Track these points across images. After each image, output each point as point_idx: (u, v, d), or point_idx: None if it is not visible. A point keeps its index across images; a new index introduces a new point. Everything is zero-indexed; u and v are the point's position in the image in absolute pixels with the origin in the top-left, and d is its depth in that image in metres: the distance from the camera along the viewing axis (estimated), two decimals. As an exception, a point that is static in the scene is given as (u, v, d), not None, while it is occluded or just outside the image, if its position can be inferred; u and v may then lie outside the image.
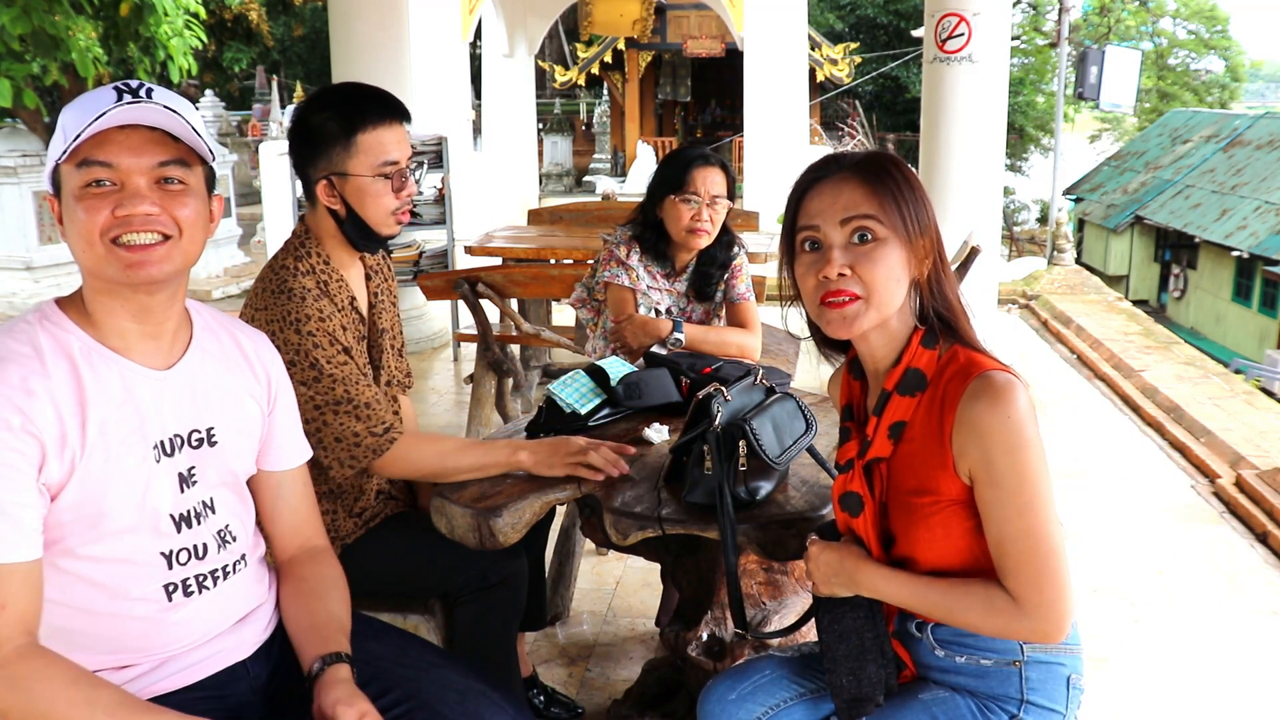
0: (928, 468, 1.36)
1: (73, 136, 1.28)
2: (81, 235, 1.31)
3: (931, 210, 1.40)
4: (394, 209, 1.95)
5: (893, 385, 1.39)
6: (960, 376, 1.35)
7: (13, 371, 1.27)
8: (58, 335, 1.34)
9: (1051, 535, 1.30)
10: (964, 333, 1.41)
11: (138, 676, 1.39)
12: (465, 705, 1.47)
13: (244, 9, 16.97)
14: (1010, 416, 1.29)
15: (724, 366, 2.30)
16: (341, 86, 2.01)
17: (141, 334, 1.39)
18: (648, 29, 16.09)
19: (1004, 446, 1.29)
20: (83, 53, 7.45)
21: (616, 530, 1.74)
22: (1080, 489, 4.11)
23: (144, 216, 1.31)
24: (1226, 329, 16.63)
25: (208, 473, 1.45)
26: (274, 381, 1.58)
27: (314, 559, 1.60)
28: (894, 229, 1.35)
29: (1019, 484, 1.29)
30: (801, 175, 1.43)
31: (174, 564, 1.41)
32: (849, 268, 1.35)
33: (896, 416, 1.39)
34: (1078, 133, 28.56)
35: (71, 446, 1.29)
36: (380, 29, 6.00)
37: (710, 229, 2.69)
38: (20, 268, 7.68)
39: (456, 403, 5.33)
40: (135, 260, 1.31)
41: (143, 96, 1.31)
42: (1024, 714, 1.41)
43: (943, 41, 5.65)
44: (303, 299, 1.88)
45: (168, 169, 1.34)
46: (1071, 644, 1.45)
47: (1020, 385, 1.32)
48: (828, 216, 1.36)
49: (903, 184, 1.37)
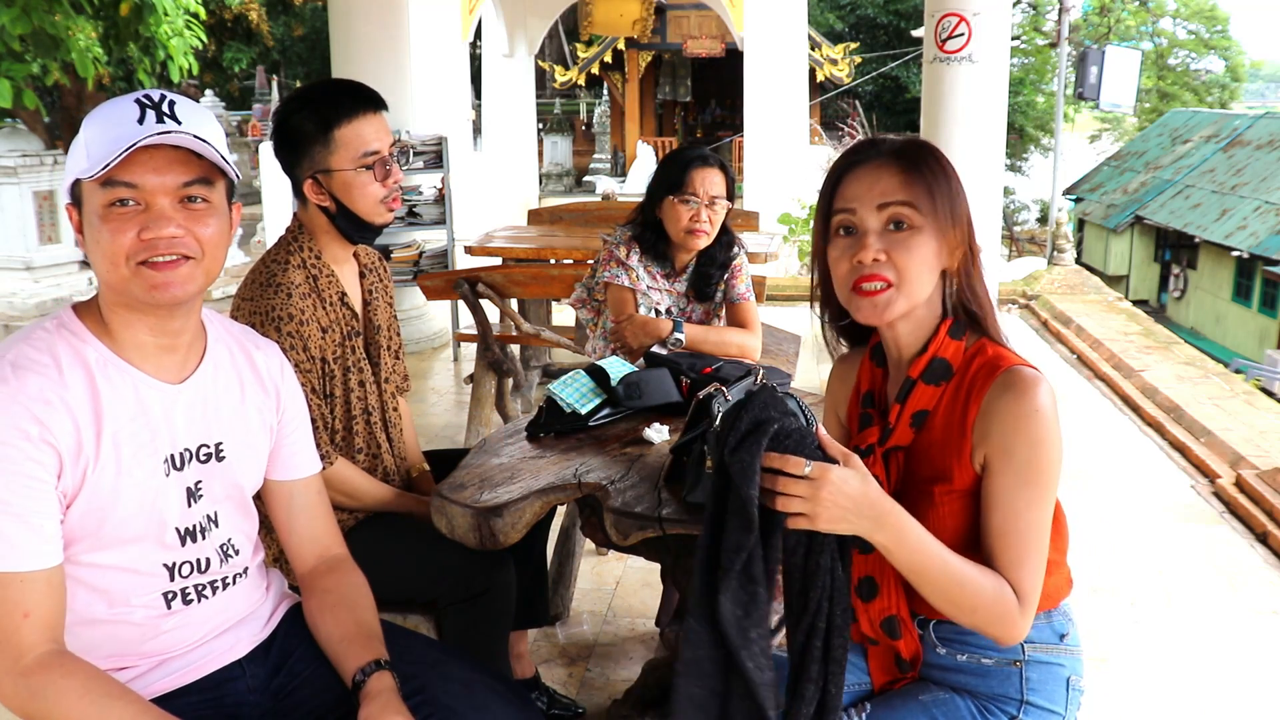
0: (945, 457, 1.36)
1: (97, 158, 1.27)
2: (106, 256, 1.31)
3: (966, 202, 1.40)
4: (382, 197, 1.97)
5: (918, 373, 1.39)
6: (988, 369, 1.35)
7: (32, 381, 1.27)
8: (75, 345, 1.34)
9: (1041, 539, 1.32)
10: (990, 327, 1.41)
11: (133, 680, 1.39)
12: (473, 698, 1.47)
13: (244, 9, 16.97)
14: (1038, 410, 1.29)
15: (724, 366, 2.30)
16: (314, 85, 2.03)
17: (158, 347, 1.39)
18: (648, 29, 16.10)
19: (1028, 439, 1.29)
20: (82, 53, 7.45)
21: (616, 530, 1.73)
22: (1080, 489, 4.12)
23: (169, 240, 1.31)
24: (1226, 329, 16.63)
25: (214, 487, 1.45)
26: (283, 394, 1.58)
27: (335, 569, 1.59)
28: (930, 217, 1.35)
29: (1034, 478, 1.30)
30: (838, 159, 1.43)
31: (176, 575, 1.41)
32: (884, 253, 1.34)
33: (920, 405, 1.39)
34: (1078, 133, 28.55)
35: (85, 456, 1.30)
36: (380, 29, 6.00)
37: (709, 230, 2.69)
38: (20, 268, 7.67)
39: (456, 403, 5.33)
40: (160, 281, 1.31)
41: (166, 113, 1.30)
42: (1023, 715, 1.41)
43: (943, 41, 5.65)
44: (289, 295, 1.89)
45: (192, 188, 1.33)
46: (1072, 645, 1.45)
47: (1047, 383, 1.32)
48: (865, 201, 1.36)
49: (940, 173, 1.37)
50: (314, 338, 1.93)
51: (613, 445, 2.06)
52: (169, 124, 1.29)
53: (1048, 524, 1.32)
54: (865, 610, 1.43)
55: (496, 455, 2.03)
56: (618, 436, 2.11)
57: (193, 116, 1.33)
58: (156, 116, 1.30)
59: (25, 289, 7.65)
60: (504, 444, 2.10)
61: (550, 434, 2.11)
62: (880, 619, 1.42)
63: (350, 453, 2.06)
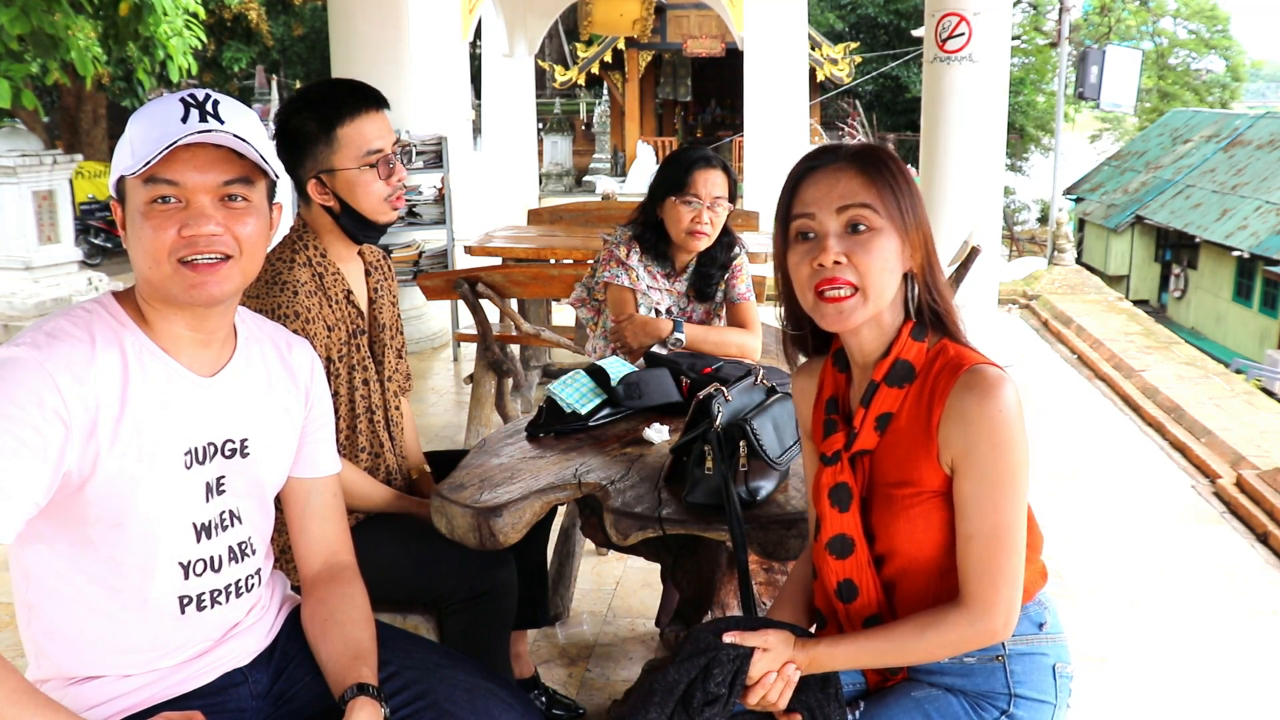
0: (911, 459, 1.37)
1: (141, 155, 1.29)
2: (148, 253, 1.32)
3: (923, 204, 1.41)
4: (386, 195, 1.98)
5: (881, 376, 1.39)
6: (950, 369, 1.35)
7: (62, 351, 1.28)
8: (114, 327, 1.35)
9: (1017, 536, 1.32)
10: (953, 327, 1.42)
11: (139, 688, 1.39)
12: (475, 703, 1.47)
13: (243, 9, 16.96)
14: (1000, 411, 1.29)
15: (724, 366, 2.30)
16: (315, 85, 2.03)
17: (193, 340, 1.40)
18: (648, 29, 16.12)
19: (990, 441, 1.30)
20: (82, 52, 7.45)
21: (616, 530, 1.73)
22: (1080, 489, 4.11)
23: (209, 237, 1.32)
24: (1227, 329, 16.63)
25: (236, 483, 1.45)
26: (312, 393, 1.59)
27: (336, 578, 1.58)
28: (890, 219, 1.36)
29: (997, 479, 1.30)
30: (796, 165, 1.43)
31: (190, 574, 1.41)
32: (844, 255, 1.34)
33: (884, 408, 1.39)
34: (1078, 133, 28.55)
35: (99, 438, 1.29)
36: (380, 29, 6.00)
37: (710, 231, 2.69)
38: (20, 268, 7.66)
39: (456, 403, 5.32)
40: (199, 280, 1.32)
41: (209, 112, 1.32)
42: (1014, 708, 1.41)
43: (943, 41, 5.65)
44: (294, 293, 1.90)
45: (232, 187, 1.34)
46: (1053, 633, 1.46)
47: (1011, 382, 1.32)
48: (823, 205, 1.36)
49: (898, 175, 1.38)
50: (319, 336, 1.93)
51: (613, 445, 2.06)
52: (211, 123, 1.31)
53: (1021, 524, 1.33)
54: (847, 612, 1.44)
55: (496, 455, 2.03)
56: (618, 436, 2.11)
57: (235, 116, 1.35)
58: (200, 115, 1.32)
59: (24, 289, 7.64)
60: (504, 444, 2.10)
61: (550, 434, 2.11)
62: (861, 620, 1.43)
63: (353, 451, 2.06)
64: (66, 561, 1.33)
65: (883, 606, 1.42)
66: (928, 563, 1.39)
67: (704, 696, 1.34)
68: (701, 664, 1.36)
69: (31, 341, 1.27)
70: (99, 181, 13.40)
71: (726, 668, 1.35)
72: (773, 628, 1.41)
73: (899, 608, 1.42)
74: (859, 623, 1.43)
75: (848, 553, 1.41)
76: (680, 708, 1.34)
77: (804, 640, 1.40)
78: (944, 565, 1.38)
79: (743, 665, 1.36)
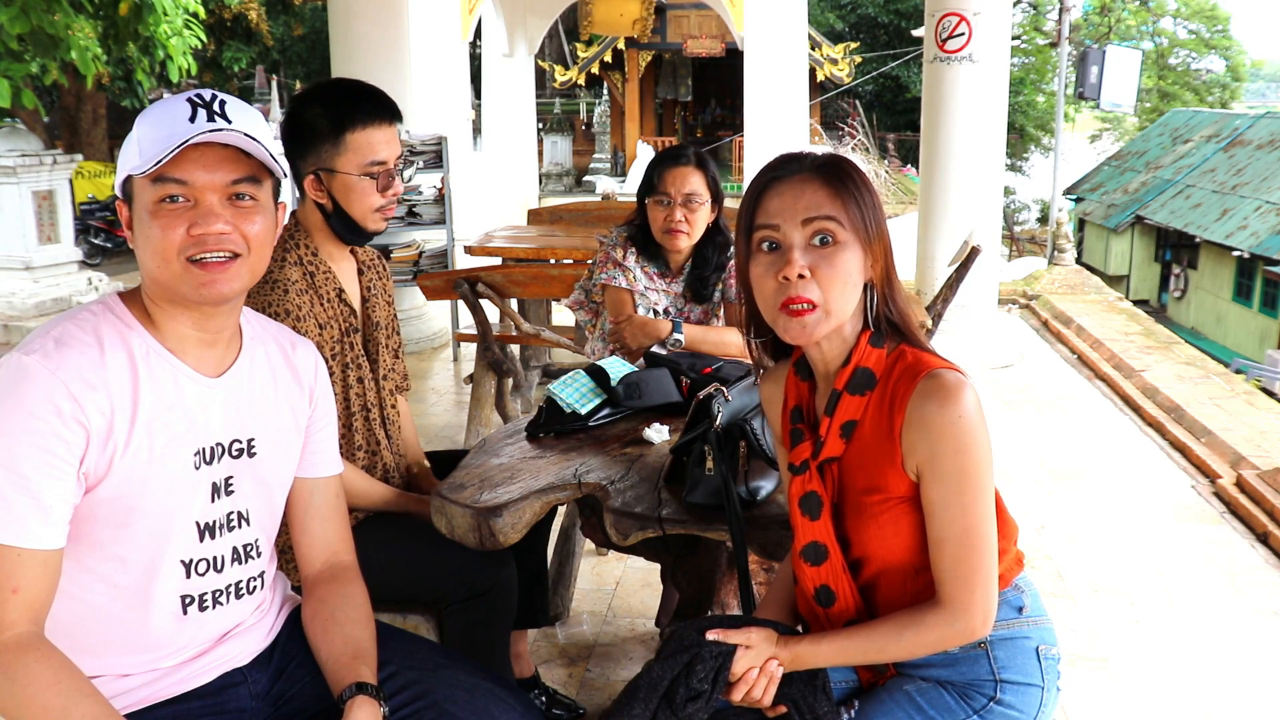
0: (878, 465, 1.38)
1: (149, 155, 1.29)
2: (157, 252, 1.32)
3: (884, 214, 1.42)
4: (378, 206, 1.99)
5: (843, 385, 1.40)
6: (909, 375, 1.36)
7: (72, 358, 1.28)
8: (120, 329, 1.35)
9: (987, 536, 1.34)
10: (911, 333, 1.43)
11: (138, 687, 1.39)
12: (475, 703, 1.47)
13: (243, 8, 16.95)
14: (961, 416, 1.31)
15: (724, 366, 2.30)
16: (337, 83, 2.02)
17: (199, 340, 1.40)
18: (648, 29, 16.10)
19: (954, 447, 1.31)
20: (82, 52, 7.44)
21: (616, 530, 1.73)
22: (1080, 489, 4.11)
23: (218, 236, 1.33)
24: (1227, 329, 16.63)
25: (244, 483, 1.46)
26: (316, 393, 1.59)
27: (336, 578, 1.58)
28: (854, 231, 1.36)
29: (963, 483, 1.32)
30: (758, 174, 1.43)
31: (192, 574, 1.41)
32: (809, 269, 1.35)
33: (847, 415, 1.40)
34: (1078, 133, 28.56)
35: (115, 442, 1.30)
36: (380, 29, 6.00)
37: (687, 229, 2.68)
38: (19, 268, 7.66)
39: (456, 403, 5.32)
40: (208, 279, 1.33)
41: (217, 111, 1.33)
42: (1001, 694, 1.42)
43: (943, 41, 5.65)
44: (285, 291, 1.91)
45: (240, 186, 1.35)
46: (1034, 615, 1.47)
47: (970, 385, 1.34)
48: (788, 216, 1.36)
49: (861, 187, 1.39)
50: (311, 334, 1.93)
51: (613, 445, 2.06)
52: (219, 122, 1.32)
53: (990, 521, 1.34)
54: (827, 616, 1.45)
55: (496, 455, 2.03)
56: (618, 436, 2.11)
57: (242, 115, 1.35)
58: (208, 115, 1.32)
59: (24, 289, 7.63)
60: (504, 444, 2.10)
61: (550, 434, 2.11)
62: (841, 625, 1.44)
63: (350, 450, 2.06)
64: (72, 560, 1.33)
65: (861, 610, 1.44)
66: (903, 565, 1.40)
67: (687, 693, 1.35)
68: (684, 661, 1.37)
69: (40, 350, 1.28)
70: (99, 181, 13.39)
71: (709, 664, 1.36)
72: (756, 625, 1.42)
73: (878, 609, 1.44)
74: (839, 626, 1.44)
75: (822, 559, 1.43)
76: (664, 704, 1.35)
77: (787, 638, 1.41)
78: (919, 564, 1.39)
79: (725, 662, 1.37)
